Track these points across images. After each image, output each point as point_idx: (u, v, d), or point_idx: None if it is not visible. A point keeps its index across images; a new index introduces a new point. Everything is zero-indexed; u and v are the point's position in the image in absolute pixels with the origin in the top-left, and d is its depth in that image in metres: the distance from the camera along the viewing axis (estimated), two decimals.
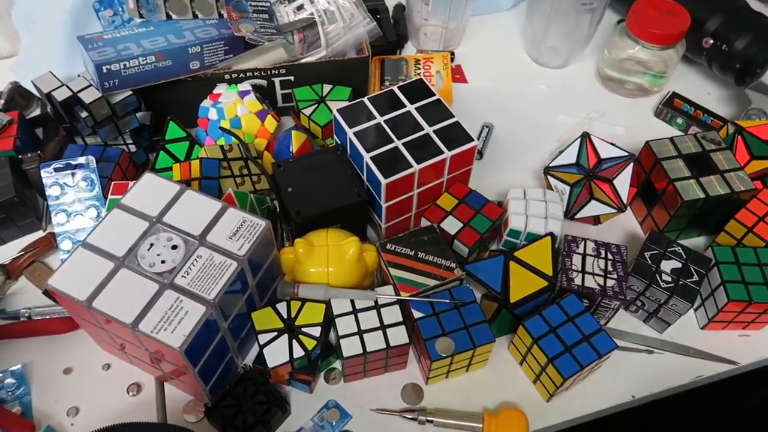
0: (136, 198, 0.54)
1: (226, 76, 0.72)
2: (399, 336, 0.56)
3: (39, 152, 0.68)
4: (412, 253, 0.60)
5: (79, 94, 0.67)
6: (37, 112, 0.77)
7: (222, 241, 0.51)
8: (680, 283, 0.60)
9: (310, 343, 0.55)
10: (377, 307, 0.58)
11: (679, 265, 0.61)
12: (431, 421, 0.57)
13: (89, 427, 0.53)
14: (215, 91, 0.71)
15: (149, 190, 0.54)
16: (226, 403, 0.54)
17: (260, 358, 0.55)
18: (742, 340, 0.64)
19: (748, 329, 0.64)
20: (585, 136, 0.69)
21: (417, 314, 0.57)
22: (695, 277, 0.60)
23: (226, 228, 0.52)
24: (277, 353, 0.55)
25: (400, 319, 0.57)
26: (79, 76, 0.69)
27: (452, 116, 0.65)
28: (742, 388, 0.81)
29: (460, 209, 0.65)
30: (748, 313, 0.61)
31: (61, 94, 0.66)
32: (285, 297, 0.58)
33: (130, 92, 0.68)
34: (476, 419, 0.57)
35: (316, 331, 0.56)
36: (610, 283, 0.60)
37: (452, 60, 0.88)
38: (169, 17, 0.71)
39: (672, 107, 0.82)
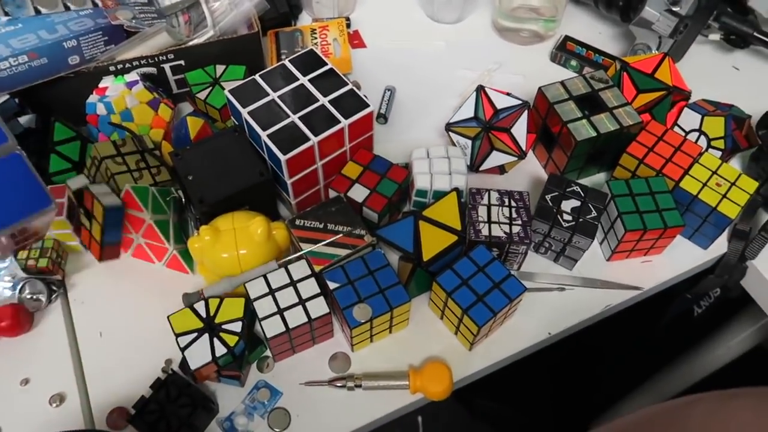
0: None
1: (111, 68, 0.69)
2: (319, 307, 0.56)
3: None
4: (321, 226, 0.61)
5: None
6: None
7: None
8: (580, 220, 0.63)
9: (231, 340, 0.55)
10: (293, 283, 0.58)
11: (578, 203, 0.64)
12: (360, 386, 0.58)
13: None
14: (101, 85, 0.68)
15: None
16: (148, 409, 0.54)
17: (184, 361, 0.54)
18: (646, 266, 0.68)
19: (649, 255, 0.68)
20: (480, 89, 0.70)
21: (332, 285, 0.58)
22: (594, 213, 0.63)
23: None
24: (199, 354, 0.54)
25: (318, 291, 0.57)
26: None
27: (346, 84, 0.64)
28: (652, 310, 0.87)
29: (366, 176, 0.65)
30: (645, 240, 0.65)
31: None
32: (192, 304, 0.57)
33: (7, 96, 0.65)
34: (402, 377, 0.58)
35: (238, 327, 0.55)
36: (516, 229, 0.62)
37: (348, 26, 0.87)
38: (37, 12, 0.67)
39: (565, 50, 0.85)
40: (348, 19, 0.88)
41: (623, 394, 0.97)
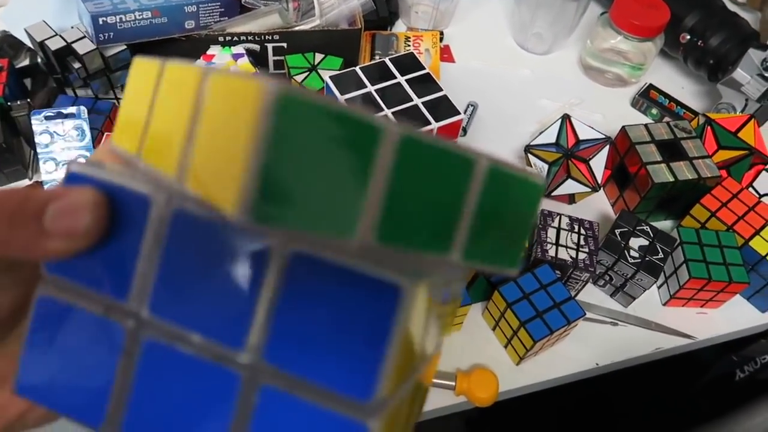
0: None
1: (220, 38, 0.73)
2: None
3: (28, 101, 0.68)
4: None
5: (73, 45, 0.67)
6: (25, 62, 0.77)
7: None
8: (646, 259, 0.64)
9: None
10: None
11: (647, 242, 0.65)
12: None
13: None
14: (209, 53, 0.72)
15: None
16: None
17: None
18: (700, 318, 0.68)
19: (706, 307, 0.69)
20: (566, 117, 0.72)
21: None
22: (661, 255, 0.64)
23: None
24: None
25: None
26: (72, 27, 0.69)
27: (440, 90, 0.67)
28: (695, 366, 0.86)
29: None
30: (707, 291, 0.65)
31: (54, 44, 0.67)
32: None
33: (124, 47, 0.69)
34: (449, 378, 0.60)
35: None
36: (582, 256, 0.63)
37: (441, 40, 0.90)
38: None
39: (648, 98, 0.86)
40: (441, 33, 0.91)
41: None
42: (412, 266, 0.17)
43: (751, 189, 0.74)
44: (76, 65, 0.67)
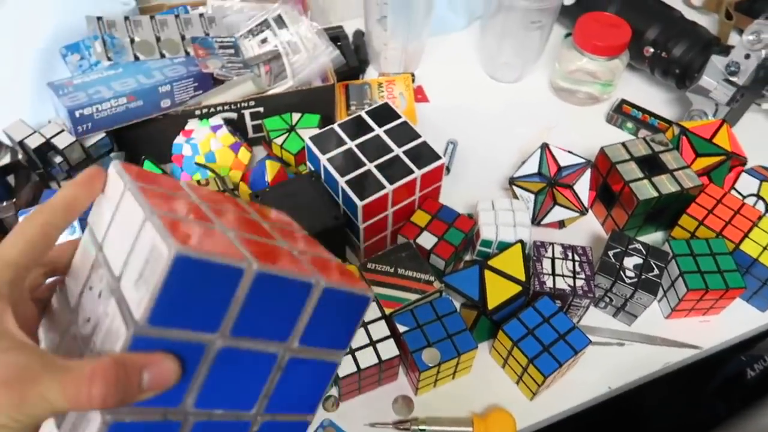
0: (97, 207, 0.33)
1: (197, 112, 0.74)
2: (389, 349, 0.58)
3: (14, 200, 0.68)
4: (392, 270, 0.63)
5: (53, 140, 0.68)
6: (6, 159, 0.78)
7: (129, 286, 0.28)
8: (643, 277, 0.64)
9: None
10: (364, 324, 0.60)
11: (641, 260, 0.66)
12: (423, 430, 0.59)
13: None
14: (187, 128, 0.73)
15: (109, 190, 0.32)
16: None
17: None
18: (704, 326, 0.69)
19: (707, 315, 0.69)
20: (544, 147, 0.73)
21: (402, 328, 0.60)
22: (656, 271, 0.65)
23: (137, 261, 0.27)
24: None
25: (388, 333, 0.59)
26: (49, 122, 0.70)
27: (419, 136, 0.68)
28: (706, 368, 0.86)
29: (434, 224, 0.68)
30: (706, 300, 0.66)
31: (34, 141, 0.67)
32: None
33: (104, 134, 0.70)
34: (466, 423, 0.60)
35: None
36: (579, 282, 0.64)
37: (413, 81, 0.92)
38: (136, 58, 0.73)
39: (621, 113, 0.88)
40: (413, 74, 0.92)
41: None
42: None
43: (733, 191, 0.75)
44: (58, 159, 0.68)
